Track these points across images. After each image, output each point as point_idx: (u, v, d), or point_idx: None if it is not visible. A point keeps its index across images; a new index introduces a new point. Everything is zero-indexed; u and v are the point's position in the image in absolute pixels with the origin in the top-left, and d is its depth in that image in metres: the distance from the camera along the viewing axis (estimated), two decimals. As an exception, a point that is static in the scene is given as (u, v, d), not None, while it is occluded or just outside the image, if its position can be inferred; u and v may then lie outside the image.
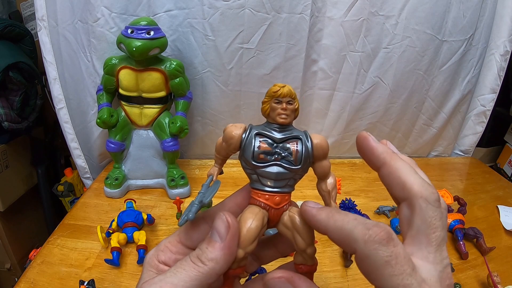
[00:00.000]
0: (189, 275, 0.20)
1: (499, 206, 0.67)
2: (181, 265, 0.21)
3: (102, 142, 0.74)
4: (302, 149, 0.22)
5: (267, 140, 0.22)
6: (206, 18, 0.64)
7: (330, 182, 0.24)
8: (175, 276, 0.20)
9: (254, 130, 0.23)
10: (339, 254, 0.53)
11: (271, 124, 0.23)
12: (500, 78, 0.78)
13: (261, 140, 0.22)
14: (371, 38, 0.70)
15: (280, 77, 0.71)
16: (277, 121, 0.23)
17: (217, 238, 0.21)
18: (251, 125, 0.23)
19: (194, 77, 0.70)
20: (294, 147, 0.22)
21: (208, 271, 0.20)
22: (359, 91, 0.75)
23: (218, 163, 0.26)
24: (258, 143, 0.22)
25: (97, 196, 0.67)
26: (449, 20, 0.69)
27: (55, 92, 0.68)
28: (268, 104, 0.23)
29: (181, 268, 0.21)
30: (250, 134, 0.23)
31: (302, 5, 0.64)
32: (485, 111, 0.83)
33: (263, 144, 0.22)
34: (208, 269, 0.20)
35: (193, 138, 0.79)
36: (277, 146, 0.22)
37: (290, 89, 0.23)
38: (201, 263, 0.20)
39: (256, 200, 0.23)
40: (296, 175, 0.23)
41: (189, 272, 0.20)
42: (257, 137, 0.23)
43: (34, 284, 0.47)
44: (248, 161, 0.22)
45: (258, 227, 0.22)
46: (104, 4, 0.62)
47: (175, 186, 0.66)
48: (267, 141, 0.22)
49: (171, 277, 0.20)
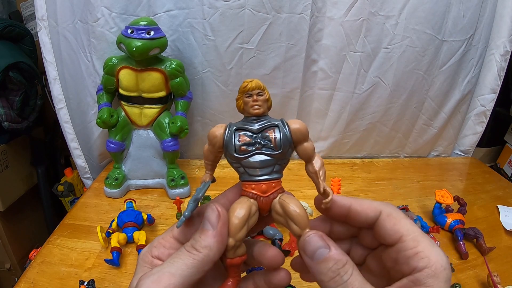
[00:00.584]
0: (185, 263, 0.21)
1: (499, 206, 0.67)
2: (177, 255, 0.22)
3: (102, 142, 0.74)
4: (280, 135, 0.24)
5: (246, 132, 0.24)
6: (206, 18, 0.64)
7: (316, 162, 0.25)
8: (172, 266, 0.21)
9: (233, 126, 0.24)
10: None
11: (247, 118, 0.25)
12: (500, 78, 0.78)
13: (240, 134, 0.24)
14: (371, 38, 0.70)
15: (280, 77, 0.71)
16: (251, 113, 0.24)
17: (209, 227, 0.22)
18: (230, 123, 0.25)
19: (194, 77, 0.70)
20: (272, 134, 0.24)
21: (203, 257, 0.21)
22: (359, 91, 0.75)
23: (208, 169, 0.27)
24: (238, 137, 0.24)
25: (97, 196, 0.67)
26: (449, 20, 0.69)
27: (55, 92, 0.68)
28: (241, 100, 0.24)
29: (177, 258, 0.22)
30: (230, 130, 0.24)
31: (302, 5, 0.64)
32: (485, 111, 0.83)
33: (242, 136, 0.24)
34: (203, 256, 0.21)
35: (193, 138, 0.79)
36: (256, 136, 0.24)
37: (257, 82, 0.24)
38: (196, 251, 0.22)
39: (244, 191, 0.24)
40: (279, 160, 0.24)
41: (185, 260, 0.21)
42: (236, 132, 0.24)
43: (34, 284, 0.47)
44: (232, 155, 0.24)
45: (245, 215, 0.23)
46: (104, 4, 0.62)
47: (175, 186, 0.66)
48: (246, 133, 0.24)
49: (168, 267, 0.21)
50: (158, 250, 0.24)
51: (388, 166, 0.84)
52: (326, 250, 0.21)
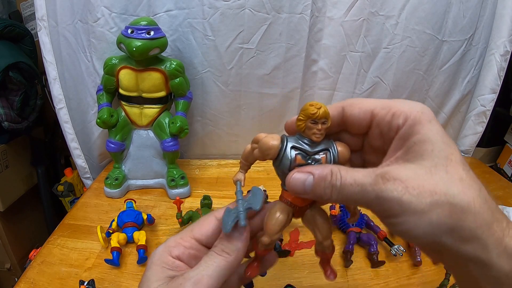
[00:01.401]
0: (219, 266, 0.24)
1: (499, 206, 0.67)
2: (209, 259, 0.24)
3: (102, 142, 0.74)
4: (330, 159, 0.25)
5: (302, 153, 0.25)
6: (206, 18, 0.64)
7: None
8: (208, 268, 0.23)
9: (289, 143, 0.25)
10: (339, 254, 0.53)
11: (303, 137, 0.25)
12: (500, 78, 0.78)
13: (296, 153, 0.25)
14: (371, 38, 0.70)
15: (280, 77, 0.71)
16: (311, 138, 0.25)
17: (237, 235, 0.25)
18: (286, 137, 0.26)
19: (194, 77, 0.70)
20: (323, 157, 0.25)
21: (233, 260, 0.24)
22: (359, 91, 0.75)
23: (244, 169, 0.29)
24: (294, 156, 0.25)
25: (97, 196, 0.67)
26: (449, 20, 0.69)
27: (55, 92, 0.68)
28: (304, 123, 0.24)
29: (211, 261, 0.24)
30: (286, 146, 0.25)
31: (302, 5, 0.64)
32: (485, 111, 0.83)
33: (298, 157, 0.25)
34: (234, 258, 0.24)
35: (193, 138, 0.79)
36: (309, 158, 0.25)
37: (325, 111, 0.24)
38: (227, 254, 0.24)
39: (284, 198, 0.26)
40: None
41: (219, 263, 0.24)
42: (292, 150, 0.25)
43: (34, 284, 0.47)
44: (284, 171, 0.25)
45: (283, 220, 0.26)
46: (104, 4, 0.62)
47: (175, 186, 0.66)
48: (301, 154, 0.25)
49: (205, 270, 0.23)
50: (178, 250, 0.25)
51: (388, 166, 0.84)
52: (310, 177, 0.23)
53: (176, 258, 0.25)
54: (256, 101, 0.74)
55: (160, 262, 0.24)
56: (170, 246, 0.25)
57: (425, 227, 0.20)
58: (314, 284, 0.48)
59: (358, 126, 0.25)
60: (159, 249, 0.25)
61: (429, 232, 0.20)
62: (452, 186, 0.20)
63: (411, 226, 0.20)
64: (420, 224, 0.20)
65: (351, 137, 0.26)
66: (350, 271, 0.51)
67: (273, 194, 0.67)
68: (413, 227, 0.20)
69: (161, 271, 0.24)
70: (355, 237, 0.53)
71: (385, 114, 0.23)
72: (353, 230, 0.54)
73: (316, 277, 0.49)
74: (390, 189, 0.20)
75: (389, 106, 0.23)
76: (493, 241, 0.19)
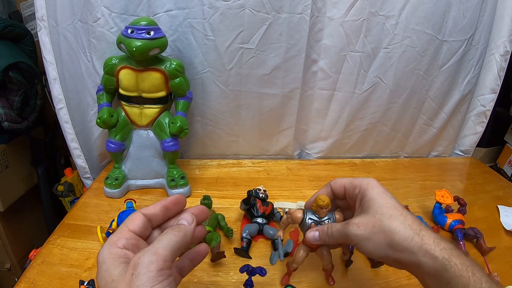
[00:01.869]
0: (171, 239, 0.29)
1: (499, 206, 0.67)
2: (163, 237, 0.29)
3: (102, 142, 0.74)
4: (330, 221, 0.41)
5: (314, 221, 0.41)
6: (206, 18, 0.64)
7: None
8: (163, 242, 0.28)
9: (307, 215, 0.42)
10: (339, 254, 0.53)
11: (315, 213, 0.42)
12: (500, 78, 0.78)
13: (311, 222, 0.41)
14: (371, 38, 0.70)
15: (280, 77, 0.71)
16: (320, 215, 0.41)
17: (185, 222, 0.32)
18: (305, 211, 0.42)
19: (194, 77, 0.70)
20: (327, 223, 0.41)
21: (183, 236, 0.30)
22: (359, 91, 0.75)
23: (282, 229, 0.46)
24: (309, 223, 0.41)
25: (97, 196, 0.67)
26: (449, 20, 0.69)
27: (55, 92, 0.68)
28: (316, 208, 0.41)
29: (164, 237, 0.29)
30: (306, 217, 0.42)
31: (302, 5, 0.64)
32: (485, 111, 0.83)
33: (312, 224, 0.41)
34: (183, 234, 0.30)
35: (193, 138, 0.79)
36: (318, 223, 0.41)
37: (328, 203, 0.40)
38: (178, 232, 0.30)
39: (305, 242, 0.43)
40: None
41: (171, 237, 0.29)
42: (309, 220, 0.41)
43: (34, 284, 0.47)
44: (305, 230, 0.42)
45: (304, 255, 0.43)
46: (104, 4, 0.62)
47: (175, 186, 0.66)
48: (314, 221, 0.41)
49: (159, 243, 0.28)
50: (121, 242, 0.29)
51: (388, 166, 0.84)
52: (317, 233, 0.40)
53: (123, 248, 0.29)
54: (256, 101, 0.74)
55: (111, 255, 0.28)
56: (114, 241, 0.29)
57: (372, 246, 0.34)
58: (314, 284, 0.49)
59: (338, 195, 0.41)
60: (105, 247, 0.29)
61: (376, 249, 0.34)
62: (384, 220, 0.34)
63: (366, 247, 0.35)
64: (370, 246, 0.34)
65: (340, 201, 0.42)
66: (350, 271, 0.51)
67: (273, 194, 0.67)
68: (367, 248, 0.34)
69: (116, 261, 0.27)
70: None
71: (350, 187, 0.39)
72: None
73: (316, 277, 0.49)
74: (350, 229, 0.35)
75: (353, 184, 0.39)
76: (417, 248, 0.31)
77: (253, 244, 0.55)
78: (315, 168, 0.81)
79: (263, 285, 0.47)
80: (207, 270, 0.50)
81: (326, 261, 0.44)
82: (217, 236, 0.51)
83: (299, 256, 0.43)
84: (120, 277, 0.26)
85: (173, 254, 0.28)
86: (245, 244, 0.53)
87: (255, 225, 0.56)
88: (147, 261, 0.26)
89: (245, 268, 0.43)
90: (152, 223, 0.33)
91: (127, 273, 0.26)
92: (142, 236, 0.31)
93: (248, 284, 0.44)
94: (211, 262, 0.51)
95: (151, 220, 0.32)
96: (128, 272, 0.26)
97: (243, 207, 0.59)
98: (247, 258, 0.52)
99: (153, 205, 0.33)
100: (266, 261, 0.52)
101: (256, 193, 0.59)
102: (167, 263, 0.27)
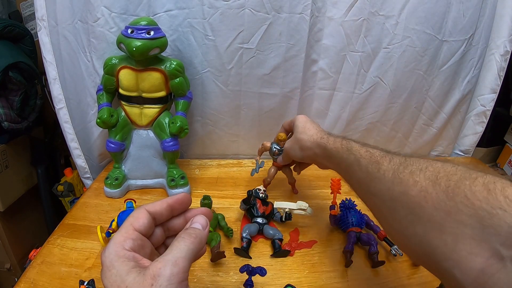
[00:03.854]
0: (189, 248, 0.28)
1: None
2: (180, 244, 0.28)
3: (102, 142, 0.74)
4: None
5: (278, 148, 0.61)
6: (206, 18, 0.64)
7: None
8: (182, 251, 0.27)
9: (273, 145, 0.61)
10: (339, 254, 0.53)
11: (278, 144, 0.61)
12: (500, 78, 0.78)
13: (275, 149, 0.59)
14: (371, 38, 0.70)
15: (280, 77, 0.71)
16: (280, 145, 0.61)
17: (199, 226, 0.31)
18: (272, 143, 0.61)
19: (194, 77, 0.70)
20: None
21: (199, 242, 0.29)
22: (359, 91, 0.75)
23: (259, 155, 0.67)
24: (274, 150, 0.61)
25: (97, 196, 0.67)
26: (449, 20, 0.69)
27: (55, 92, 0.68)
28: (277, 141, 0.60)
29: (183, 245, 0.28)
30: (272, 146, 0.61)
31: (302, 5, 0.64)
32: (485, 111, 0.83)
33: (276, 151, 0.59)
34: (199, 241, 0.29)
35: (193, 138, 0.79)
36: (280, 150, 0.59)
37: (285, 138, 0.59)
38: (195, 238, 0.29)
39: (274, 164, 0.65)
40: None
41: (189, 245, 0.28)
42: (274, 148, 0.61)
43: (34, 284, 0.47)
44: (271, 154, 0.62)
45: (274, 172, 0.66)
46: (104, 4, 0.62)
47: (175, 186, 0.66)
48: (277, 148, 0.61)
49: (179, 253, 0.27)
50: (128, 244, 0.28)
51: (388, 166, 0.84)
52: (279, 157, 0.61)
53: (130, 250, 0.28)
54: (256, 101, 0.74)
55: (119, 258, 0.27)
56: (120, 242, 0.28)
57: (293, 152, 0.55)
58: (314, 284, 0.49)
59: (288, 129, 0.59)
60: (110, 247, 0.27)
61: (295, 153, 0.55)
62: (298, 135, 0.54)
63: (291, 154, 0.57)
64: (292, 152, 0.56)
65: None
66: (350, 271, 0.51)
67: (273, 194, 0.67)
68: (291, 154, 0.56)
69: (126, 264, 0.26)
70: (355, 237, 0.53)
71: (291, 122, 0.57)
72: (353, 230, 0.54)
73: (316, 277, 0.49)
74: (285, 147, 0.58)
75: (291, 119, 0.58)
76: (314, 145, 0.50)
77: (253, 244, 0.55)
78: (315, 168, 0.80)
79: (263, 285, 0.47)
80: (207, 270, 0.50)
81: (289, 176, 0.66)
82: (217, 236, 0.51)
83: (272, 173, 0.65)
84: (136, 284, 0.25)
85: (190, 263, 0.28)
86: (245, 244, 0.53)
87: (255, 225, 0.56)
88: (169, 273, 0.25)
89: (245, 268, 0.43)
90: (156, 221, 0.32)
91: (145, 282, 0.25)
92: (146, 235, 0.31)
93: (248, 284, 0.44)
94: (211, 262, 0.51)
95: (155, 218, 0.32)
96: (147, 282, 0.25)
97: (243, 207, 0.59)
98: (247, 258, 0.52)
99: (159, 202, 0.32)
100: (266, 261, 0.52)
101: (256, 193, 0.59)
102: (186, 274, 0.27)
